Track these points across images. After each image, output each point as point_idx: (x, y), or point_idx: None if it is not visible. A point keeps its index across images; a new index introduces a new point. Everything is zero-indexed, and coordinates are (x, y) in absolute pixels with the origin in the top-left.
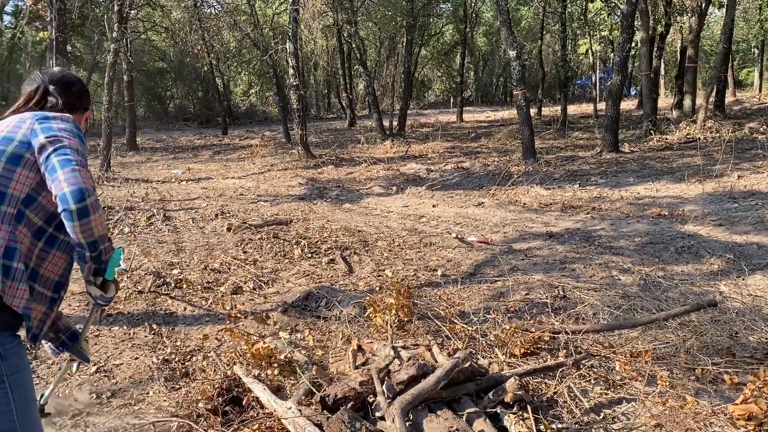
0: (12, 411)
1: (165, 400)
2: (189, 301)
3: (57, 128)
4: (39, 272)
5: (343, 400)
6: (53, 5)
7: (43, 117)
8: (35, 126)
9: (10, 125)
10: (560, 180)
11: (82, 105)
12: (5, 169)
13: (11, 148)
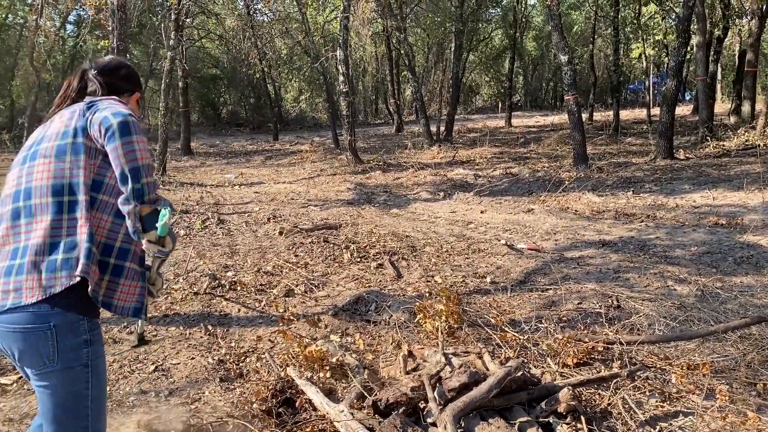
0: (88, 395)
1: (220, 400)
2: (243, 303)
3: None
4: (129, 249)
5: (395, 405)
6: (115, 15)
7: (89, 104)
8: (87, 114)
9: (65, 120)
10: (613, 187)
11: (130, 87)
12: (72, 161)
13: (71, 139)
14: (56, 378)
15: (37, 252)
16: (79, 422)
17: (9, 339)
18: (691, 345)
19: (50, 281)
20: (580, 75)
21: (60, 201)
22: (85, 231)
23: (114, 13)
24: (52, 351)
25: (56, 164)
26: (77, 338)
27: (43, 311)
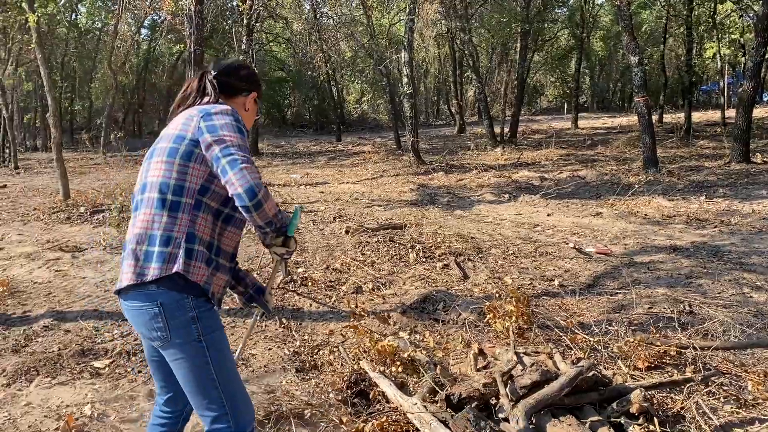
0: (210, 367)
1: (297, 389)
2: (314, 299)
3: (219, 125)
4: (220, 247)
5: (467, 400)
6: (192, 21)
7: (206, 114)
8: (200, 124)
9: (180, 124)
10: (684, 191)
11: (248, 87)
12: (181, 164)
13: (183, 146)
14: (177, 353)
15: (138, 241)
16: (211, 393)
17: (130, 317)
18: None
19: (143, 269)
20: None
21: (164, 198)
22: (183, 231)
23: (191, 18)
24: (164, 327)
25: (167, 164)
26: (184, 315)
27: (150, 291)
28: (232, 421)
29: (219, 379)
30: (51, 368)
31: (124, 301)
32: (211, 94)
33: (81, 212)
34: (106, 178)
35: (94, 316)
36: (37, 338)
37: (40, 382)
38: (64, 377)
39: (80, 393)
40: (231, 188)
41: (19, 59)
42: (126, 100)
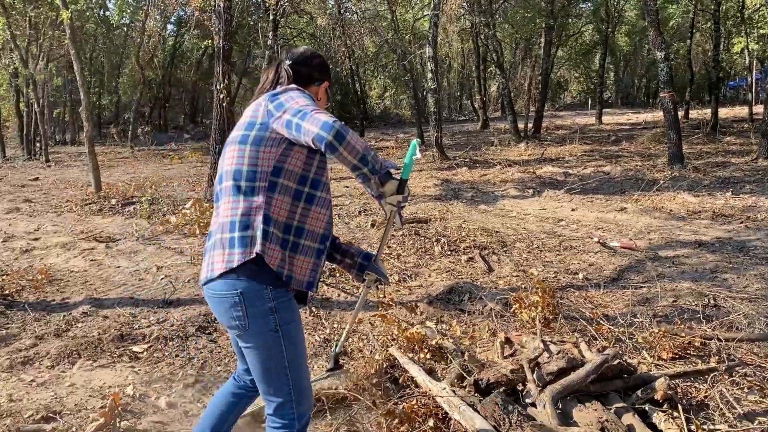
0: (283, 357)
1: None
2: (342, 289)
3: (284, 99)
4: (305, 228)
5: (495, 385)
6: (221, 17)
7: (272, 96)
8: (269, 107)
9: (250, 111)
10: (710, 187)
11: (321, 77)
12: (252, 150)
13: (254, 132)
14: (252, 341)
15: (222, 230)
16: (280, 381)
17: (212, 304)
18: None
19: (230, 256)
20: (676, 71)
21: (238, 185)
22: (260, 213)
23: (220, 15)
24: (243, 316)
25: (239, 152)
26: (263, 305)
27: (231, 280)
28: (294, 409)
29: (290, 369)
30: (92, 352)
31: (207, 288)
32: (285, 81)
33: (112, 204)
34: (134, 172)
35: (131, 303)
36: (77, 324)
37: (82, 364)
38: (105, 360)
39: (121, 375)
40: (308, 136)
41: (50, 55)
42: (152, 94)
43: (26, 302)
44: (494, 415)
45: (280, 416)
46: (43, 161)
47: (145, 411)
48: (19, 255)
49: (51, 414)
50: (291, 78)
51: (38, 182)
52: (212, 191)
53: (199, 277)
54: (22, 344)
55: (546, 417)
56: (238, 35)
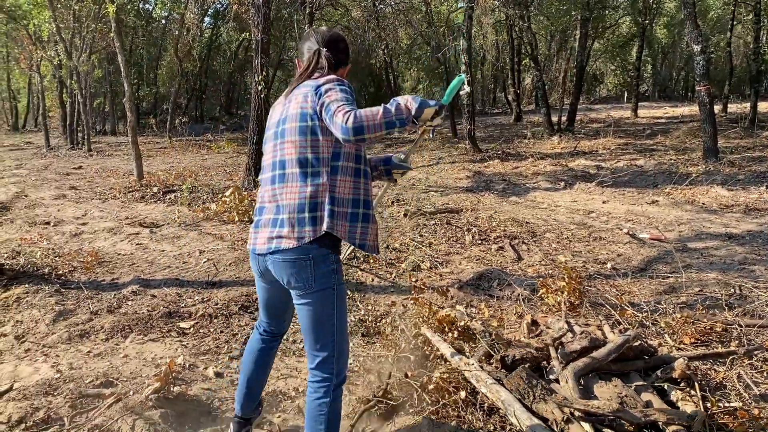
0: (334, 313)
1: (363, 351)
2: (376, 274)
3: (325, 90)
4: (369, 200)
5: (521, 361)
6: (260, 10)
7: (316, 87)
8: (314, 98)
9: (300, 103)
10: (745, 181)
11: (346, 59)
12: (312, 140)
13: (310, 123)
14: (313, 298)
15: (290, 211)
16: (327, 335)
17: (282, 269)
18: None
19: (301, 234)
20: (716, 64)
21: (305, 171)
22: (326, 195)
23: (259, 8)
24: (311, 275)
25: (300, 142)
26: (328, 267)
27: (305, 246)
28: (335, 365)
29: (337, 326)
30: (143, 327)
31: (274, 256)
32: (325, 68)
33: (154, 192)
34: (172, 161)
35: (176, 284)
36: (128, 301)
37: (134, 338)
38: (155, 335)
39: (170, 348)
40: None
41: (93, 47)
42: (189, 86)
43: (79, 281)
44: (519, 389)
45: (322, 370)
46: (85, 150)
47: (194, 379)
48: (69, 239)
49: (110, 380)
50: (332, 65)
51: (81, 170)
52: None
53: (255, 246)
54: (78, 319)
55: (568, 391)
56: (274, 27)
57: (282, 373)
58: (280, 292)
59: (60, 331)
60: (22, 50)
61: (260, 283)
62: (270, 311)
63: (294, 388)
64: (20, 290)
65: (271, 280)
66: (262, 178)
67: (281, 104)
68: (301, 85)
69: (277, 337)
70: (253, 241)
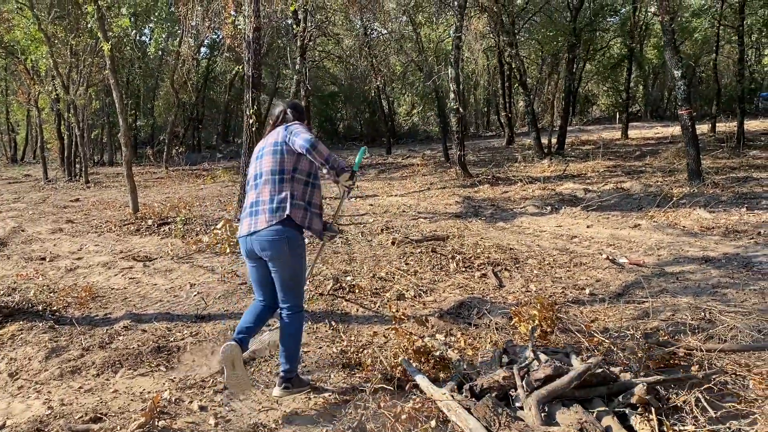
0: (301, 272)
1: (344, 383)
2: (360, 304)
3: (292, 128)
4: (312, 201)
5: (489, 390)
6: (251, 47)
7: (286, 127)
8: (284, 132)
9: (275, 137)
10: (727, 203)
11: (303, 117)
12: (281, 158)
13: (279, 147)
14: (288, 263)
15: (264, 203)
16: (296, 287)
17: (264, 246)
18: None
19: (271, 218)
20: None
21: (275, 178)
22: (287, 193)
23: (249, 45)
24: (287, 251)
25: (273, 159)
26: (297, 242)
27: (280, 227)
28: (299, 299)
29: (302, 279)
30: (133, 362)
31: (256, 236)
32: (291, 119)
33: (149, 224)
34: (168, 192)
35: (166, 318)
36: (119, 336)
37: (124, 373)
38: (144, 369)
39: (159, 382)
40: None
41: (89, 80)
42: (186, 116)
43: (72, 317)
44: (486, 417)
45: (293, 305)
46: (83, 182)
47: (180, 413)
48: (65, 274)
49: (98, 415)
50: (293, 118)
51: (79, 203)
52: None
53: (241, 231)
54: (70, 355)
55: (531, 418)
56: (269, 57)
57: (264, 405)
58: (265, 269)
59: (52, 367)
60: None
61: (249, 264)
62: (261, 288)
63: (274, 420)
64: (15, 327)
65: (256, 258)
66: (248, 188)
67: (263, 141)
68: (275, 130)
69: (270, 308)
70: (240, 229)
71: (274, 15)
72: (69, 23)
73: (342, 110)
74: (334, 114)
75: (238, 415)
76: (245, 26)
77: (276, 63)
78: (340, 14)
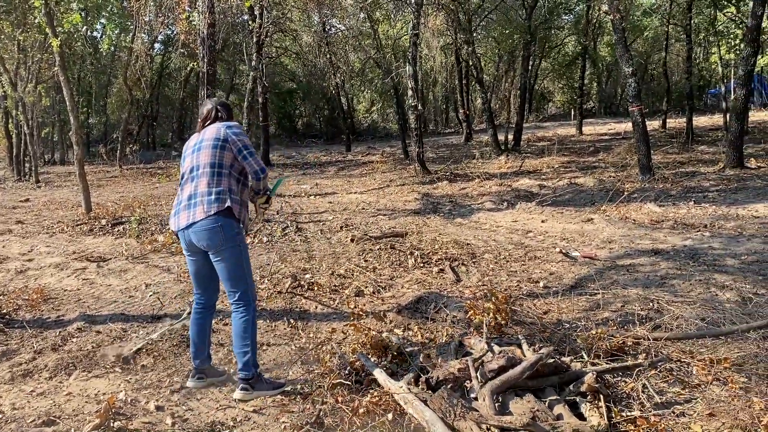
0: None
1: (302, 379)
2: (319, 301)
3: (236, 132)
4: (242, 198)
5: (444, 382)
6: (205, 43)
7: (228, 126)
8: (227, 131)
9: (214, 132)
10: (676, 197)
11: (232, 116)
12: (220, 152)
13: (220, 143)
14: (227, 254)
15: (202, 195)
16: (241, 277)
17: (201, 236)
18: (719, 342)
19: (209, 208)
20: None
21: (213, 171)
22: (225, 186)
23: (203, 41)
24: (223, 238)
25: (211, 152)
26: (233, 231)
27: (215, 218)
28: (249, 294)
29: (246, 270)
30: (87, 363)
31: (193, 227)
32: (223, 117)
33: (102, 224)
34: (123, 191)
35: (122, 319)
36: (72, 338)
37: (78, 375)
38: (99, 371)
39: (114, 383)
40: (250, 168)
41: (39, 77)
42: (140, 113)
43: (23, 320)
44: (442, 408)
45: (242, 300)
46: (32, 182)
47: (135, 413)
48: (14, 276)
49: (52, 418)
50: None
51: (29, 203)
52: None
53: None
54: (21, 358)
55: (485, 408)
56: (225, 53)
57: (221, 404)
58: (205, 262)
59: (3, 372)
60: None
61: (189, 259)
62: (200, 282)
63: (232, 418)
64: None
65: (195, 251)
66: (182, 182)
67: (196, 136)
68: (212, 126)
69: (208, 309)
70: (176, 223)
71: (230, 11)
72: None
73: (301, 107)
74: (293, 111)
75: (196, 414)
76: (200, 22)
77: (232, 59)
78: (297, 10)
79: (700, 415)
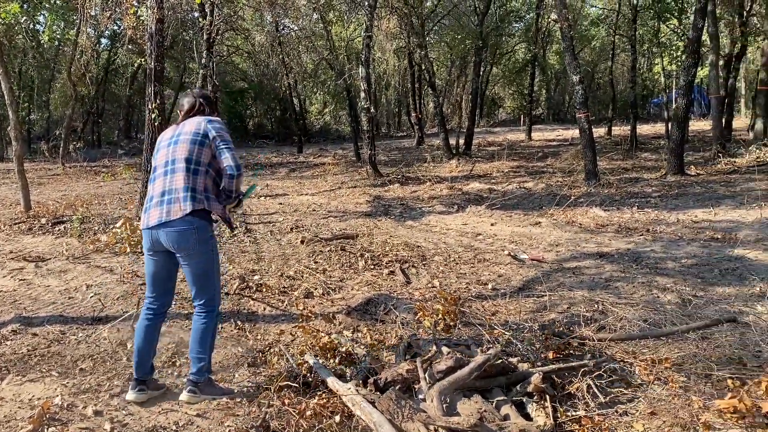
0: (213, 266)
1: (248, 381)
2: (268, 303)
3: (217, 127)
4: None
5: (392, 383)
6: (153, 39)
7: (209, 120)
8: (207, 126)
9: (194, 126)
10: (620, 202)
11: (214, 110)
12: (198, 148)
13: (200, 138)
14: (197, 257)
15: (176, 191)
16: (210, 281)
17: (173, 237)
18: (660, 343)
19: (185, 207)
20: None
21: (188, 167)
22: (201, 185)
23: (152, 36)
24: (195, 241)
25: (190, 148)
26: (207, 234)
27: (190, 219)
28: (215, 300)
29: (215, 274)
30: (21, 367)
31: (165, 228)
32: (205, 110)
33: (42, 223)
34: (65, 189)
35: (60, 321)
36: (6, 341)
37: (11, 380)
38: (34, 375)
39: (50, 388)
40: (225, 163)
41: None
42: (85, 109)
43: None
44: (389, 409)
45: (207, 305)
46: None
47: (72, 419)
48: None
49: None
50: (208, 109)
51: None
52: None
53: (148, 222)
54: None
55: (433, 409)
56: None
57: (163, 408)
58: (166, 263)
59: None
60: None
61: (149, 258)
62: (156, 283)
63: (174, 422)
64: None
65: (159, 251)
66: (155, 175)
67: (173, 128)
68: (192, 119)
69: (159, 315)
70: (146, 221)
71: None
72: None
73: (252, 107)
74: (244, 111)
75: (136, 419)
76: (148, 17)
77: (182, 56)
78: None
79: (642, 414)
